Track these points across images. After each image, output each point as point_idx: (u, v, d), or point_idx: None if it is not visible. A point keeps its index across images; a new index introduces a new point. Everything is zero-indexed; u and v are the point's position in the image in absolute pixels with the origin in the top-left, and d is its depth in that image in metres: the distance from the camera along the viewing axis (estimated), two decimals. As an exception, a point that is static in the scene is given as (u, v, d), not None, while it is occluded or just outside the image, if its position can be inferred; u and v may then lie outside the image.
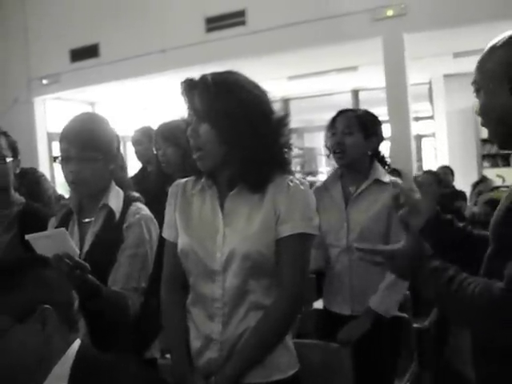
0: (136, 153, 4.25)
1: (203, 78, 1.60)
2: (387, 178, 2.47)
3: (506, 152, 8.15)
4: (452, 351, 4.04)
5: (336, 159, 2.50)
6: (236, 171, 1.60)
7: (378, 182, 2.44)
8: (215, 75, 1.60)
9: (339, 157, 2.46)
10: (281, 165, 1.65)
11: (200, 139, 1.59)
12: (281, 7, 6.57)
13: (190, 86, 1.61)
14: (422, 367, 3.30)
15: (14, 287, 1.25)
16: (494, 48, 1.32)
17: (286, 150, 1.66)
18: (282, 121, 1.66)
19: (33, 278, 1.29)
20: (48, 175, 5.65)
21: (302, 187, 1.62)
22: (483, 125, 1.38)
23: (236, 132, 1.55)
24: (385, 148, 2.78)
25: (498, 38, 1.33)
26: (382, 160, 2.57)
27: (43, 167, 8.03)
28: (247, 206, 1.61)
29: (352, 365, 2.02)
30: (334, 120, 2.52)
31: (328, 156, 2.54)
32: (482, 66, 1.34)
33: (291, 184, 1.61)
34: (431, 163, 9.21)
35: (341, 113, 2.53)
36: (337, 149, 2.46)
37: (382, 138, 2.57)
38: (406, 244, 1.39)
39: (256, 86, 1.63)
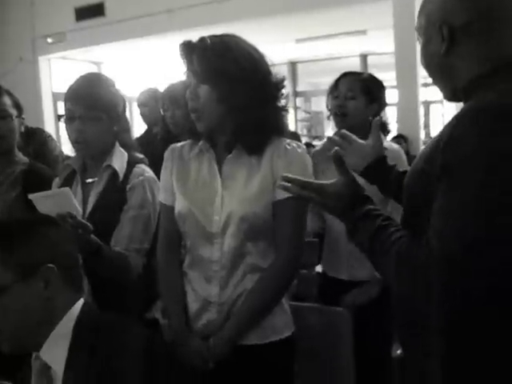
0: (141, 114, 4.22)
1: (202, 40, 1.60)
2: (385, 143, 2.44)
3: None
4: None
5: (336, 122, 2.46)
6: (234, 134, 1.62)
7: None
8: (214, 37, 1.60)
9: (340, 120, 2.42)
10: (278, 127, 1.66)
11: (199, 101, 1.60)
12: (290, -32, 6.45)
13: (188, 49, 1.61)
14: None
15: (19, 245, 1.26)
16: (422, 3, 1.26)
17: (283, 112, 1.67)
18: (280, 84, 1.66)
19: (38, 236, 1.30)
20: (53, 135, 5.65)
21: (299, 150, 1.64)
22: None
23: (234, 93, 1.56)
24: (389, 113, 2.75)
25: None
26: (382, 125, 2.54)
27: (48, 126, 8.01)
28: (245, 168, 1.62)
29: (352, 328, 2.04)
30: (337, 82, 2.47)
31: (328, 118, 2.52)
32: (419, 13, 1.27)
33: (288, 147, 1.62)
34: (438, 130, 9.14)
35: (345, 75, 2.49)
36: (338, 112, 2.41)
37: (384, 105, 2.53)
38: (339, 181, 1.30)
39: (255, 49, 1.64)
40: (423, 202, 1.15)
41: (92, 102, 1.85)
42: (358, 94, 2.40)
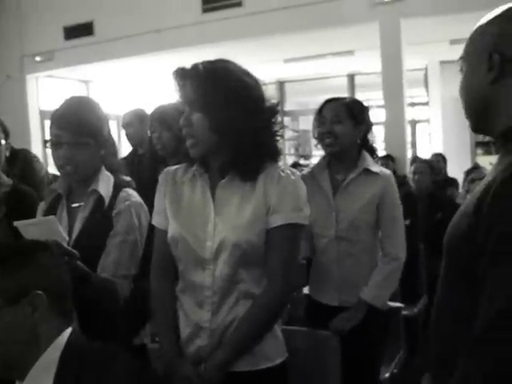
0: (127, 135, 4.19)
1: (195, 66, 1.60)
2: (376, 168, 2.45)
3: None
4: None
5: (325, 147, 2.46)
6: (227, 159, 1.61)
7: (367, 171, 2.41)
8: (206, 64, 1.60)
9: (329, 144, 2.42)
10: (272, 153, 1.65)
11: (192, 128, 1.59)
12: (278, -11, 6.52)
13: (181, 75, 1.61)
14: (410, 354, 3.34)
15: (9, 270, 1.25)
16: (481, 24, 1.18)
17: (276, 138, 1.67)
18: (273, 109, 1.66)
19: (30, 262, 1.29)
20: (40, 153, 5.64)
21: (293, 177, 1.63)
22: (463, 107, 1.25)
23: (228, 120, 1.55)
24: (376, 135, 2.77)
25: (490, 13, 1.19)
26: (371, 149, 2.56)
27: (35, 145, 8.01)
28: (238, 194, 1.61)
29: (340, 352, 2.04)
30: (321, 109, 2.49)
31: (316, 145, 2.53)
32: (468, 42, 1.21)
33: (282, 174, 1.62)
34: (425, 149, 9.22)
35: (328, 102, 2.50)
36: (327, 137, 2.42)
37: (370, 126, 2.55)
38: None
39: (248, 74, 1.63)
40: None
41: (79, 128, 1.84)
42: (343, 118, 2.41)
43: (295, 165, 7.22)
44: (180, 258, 1.66)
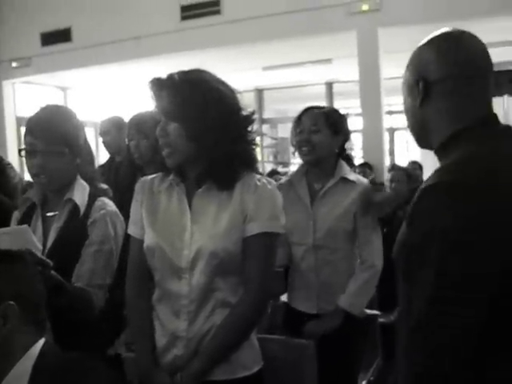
0: (104, 143, 4.16)
1: (170, 77, 1.60)
2: (353, 176, 2.48)
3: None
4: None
5: (302, 156, 2.48)
6: (204, 169, 1.61)
7: (344, 179, 2.43)
8: (181, 74, 1.61)
9: (306, 153, 2.44)
10: (248, 162, 1.66)
11: (169, 137, 1.59)
12: (257, -3, 6.56)
13: (157, 86, 1.61)
14: (387, 362, 3.35)
15: None
16: (414, 52, 1.31)
17: (252, 147, 1.68)
18: (249, 118, 1.66)
19: (1, 272, 1.27)
20: (16, 160, 5.57)
21: (269, 186, 1.64)
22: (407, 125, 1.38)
23: (203, 130, 1.56)
24: (355, 141, 2.80)
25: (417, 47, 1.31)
26: (347, 158, 2.58)
27: (11, 151, 7.91)
28: (215, 203, 1.62)
29: (316, 360, 2.04)
30: (300, 117, 2.50)
31: (294, 153, 2.54)
32: (406, 67, 1.32)
33: (259, 183, 1.63)
34: (403, 156, 9.30)
35: (307, 110, 2.51)
36: (304, 146, 2.43)
37: (348, 136, 2.57)
38: None
39: (223, 84, 1.64)
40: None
41: (53, 137, 1.83)
42: (322, 127, 2.43)
43: (273, 172, 7.21)
44: (156, 268, 1.65)
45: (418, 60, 1.27)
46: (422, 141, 1.35)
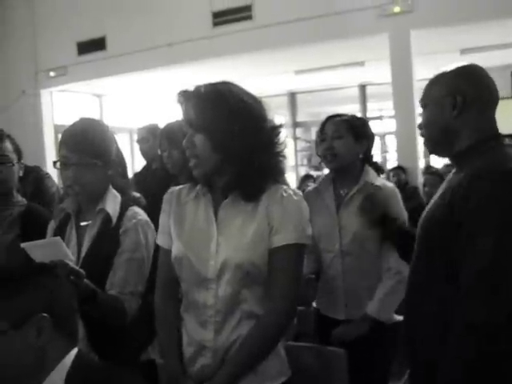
0: (140, 150, 4.23)
1: (196, 89, 1.62)
2: (379, 182, 2.46)
3: None
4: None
5: (327, 163, 2.48)
6: (230, 180, 1.62)
7: (370, 184, 2.42)
8: (208, 86, 1.62)
9: (330, 160, 2.45)
10: (275, 174, 1.66)
11: (195, 148, 1.61)
12: (288, 2, 6.58)
13: (184, 98, 1.63)
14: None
15: (15, 293, 1.27)
16: (442, 74, 1.64)
17: (280, 158, 1.67)
18: (276, 130, 1.66)
19: (34, 285, 1.30)
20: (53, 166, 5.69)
21: (295, 197, 1.63)
22: (422, 135, 1.69)
23: (229, 142, 1.57)
24: (389, 144, 2.78)
25: (447, 68, 1.65)
26: (373, 163, 2.57)
27: (49, 158, 8.10)
28: (241, 215, 1.62)
29: (347, 368, 2.03)
30: (322, 126, 2.51)
31: (320, 163, 2.55)
32: (429, 87, 1.65)
33: (285, 194, 1.62)
34: (438, 159, 9.16)
35: (329, 119, 2.52)
36: (327, 153, 2.44)
37: (372, 141, 2.57)
38: None
39: (249, 95, 1.65)
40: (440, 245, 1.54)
41: (87, 150, 1.88)
42: (344, 133, 2.44)
43: (306, 176, 7.19)
44: (183, 278, 1.67)
45: (454, 81, 1.60)
46: (441, 148, 1.68)
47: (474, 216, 1.44)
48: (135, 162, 5.80)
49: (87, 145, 1.89)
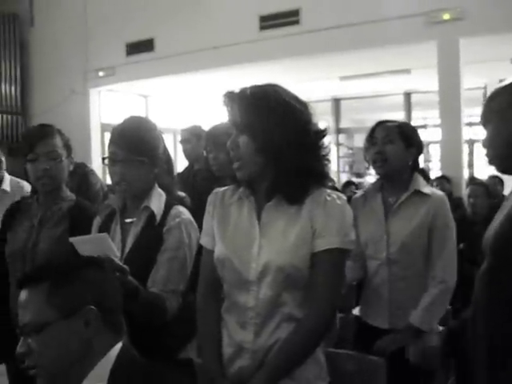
0: (184, 151, 4.28)
1: (242, 90, 1.63)
2: (428, 189, 2.42)
3: None
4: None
5: (376, 168, 2.46)
6: (273, 182, 1.62)
7: (419, 193, 2.39)
8: (253, 88, 1.63)
9: (380, 165, 2.41)
10: (318, 177, 1.65)
11: (239, 150, 1.61)
12: (335, 8, 6.55)
13: (229, 99, 1.63)
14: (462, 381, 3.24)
15: (65, 285, 1.31)
16: (503, 87, 1.56)
17: (324, 162, 1.67)
18: (321, 133, 1.66)
19: (84, 277, 1.34)
20: (100, 163, 5.82)
21: (338, 201, 1.63)
22: (487, 155, 1.57)
23: (273, 144, 1.57)
24: (433, 153, 2.76)
25: (505, 82, 1.57)
26: (422, 171, 2.53)
27: (95, 155, 8.30)
28: (284, 217, 1.62)
29: (387, 377, 2.01)
30: (372, 131, 2.48)
31: (367, 168, 2.53)
32: (489, 103, 1.57)
33: (328, 198, 1.62)
34: (483, 169, 8.99)
35: (379, 123, 2.49)
36: (377, 158, 2.41)
37: (421, 149, 2.53)
38: None
39: (295, 98, 1.64)
40: None
41: (135, 147, 1.91)
42: (395, 139, 2.41)
43: (348, 183, 7.15)
44: (225, 279, 1.68)
45: None
46: (509, 163, 1.54)
47: None
48: (178, 163, 5.87)
49: (135, 142, 1.92)
